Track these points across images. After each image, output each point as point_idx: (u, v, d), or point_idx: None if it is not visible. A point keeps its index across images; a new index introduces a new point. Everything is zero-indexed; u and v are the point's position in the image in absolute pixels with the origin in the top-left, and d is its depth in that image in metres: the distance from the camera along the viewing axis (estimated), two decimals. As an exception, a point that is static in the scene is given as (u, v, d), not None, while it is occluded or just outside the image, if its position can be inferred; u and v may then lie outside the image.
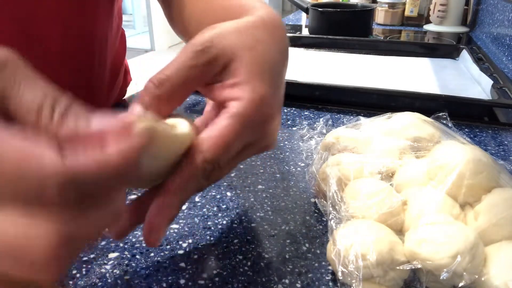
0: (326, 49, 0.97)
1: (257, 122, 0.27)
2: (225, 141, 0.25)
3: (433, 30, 1.29)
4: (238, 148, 0.27)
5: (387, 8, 1.37)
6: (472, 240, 0.28)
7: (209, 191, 0.42)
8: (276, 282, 0.31)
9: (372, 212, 0.32)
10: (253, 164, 0.47)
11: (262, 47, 0.28)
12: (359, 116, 0.46)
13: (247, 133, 0.27)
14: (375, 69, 0.80)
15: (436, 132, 0.40)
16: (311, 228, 0.37)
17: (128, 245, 0.34)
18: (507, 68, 0.86)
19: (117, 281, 0.31)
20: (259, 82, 0.27)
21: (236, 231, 0.36)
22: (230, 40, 0.27)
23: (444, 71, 0.78)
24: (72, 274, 0.31)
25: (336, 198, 0.34)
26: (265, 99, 0.27)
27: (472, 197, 0.32)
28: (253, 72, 0.27)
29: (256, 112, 0.26)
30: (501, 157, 0.49)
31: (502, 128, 0.57)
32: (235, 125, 0.25)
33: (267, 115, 0.27)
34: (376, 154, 0.38)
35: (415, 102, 0.62)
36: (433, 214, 0.30)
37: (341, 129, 0.42)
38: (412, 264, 0.28)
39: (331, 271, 0.32)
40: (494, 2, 1.08)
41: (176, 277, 0.31)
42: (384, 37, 1.22)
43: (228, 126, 0.25)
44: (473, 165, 0.32)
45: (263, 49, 0.28)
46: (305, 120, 0.60)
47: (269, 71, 0.28)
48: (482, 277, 0.27)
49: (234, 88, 0.27)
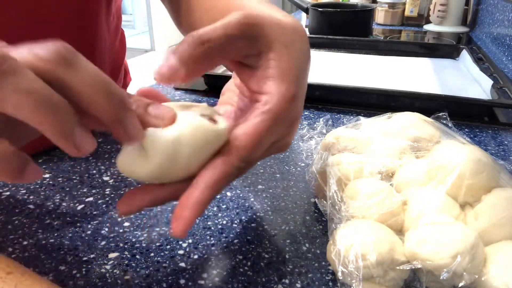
0: (326, 49, 0.97)
1: (287, 121, 0.27)
2: (259, 138, 0.25)
3: (433, 30, 1.29)
4: (268, 146, 0.27)
5: (387, 8, 1.37)
6: (472, 240, 0.28)
7: (209, 191, 0.42)
8: (276, 282, 0.31)
9: (372, 212, 0.32)
10: (253, 164, 0.47)
11: (297, 47, 0.28)
12: (359, 116, 0.46)
13: (277, 131, 0.27)
14: (375, 69, 0.80)
15: (436, 132, 0.40)
16: (311, 228, 0.37)
17: (128, 245, 0.34)
18: (507, 68, 0.86)
19: (117, 281, 0.31)
20: (292, 81, 0.27)
21: (236, 231, 0.36)
22: (273, 30, 0.27)
23: (444, 71, 0.78)
24: (72, 274, 0.31)
25: (336, 198, 0.34)
26: (296, 99, 0.27)
27: (472, 197, 0.32)
28: (288, 70, 0.27)
29: (288, 111, 0.27)
30: (501, 157, 0.49)
31: (502, 128, 0.57)
32: (268, 121, 0.26)
33: (296, 115, 0.28)
34: (376, 154, 0.38)
35: (415, 102, 0.62)
36: (433, 214, 0.30)
37: (341, 129, 0.42)
38: (412, 264, 0.28)
39: (331, 271, 0.32)
40: (494, 2, 1.08)
41: (176, 277, 0.31)
42: (384, 37, 1.22)
43: (262, 122, 0.26)
44: (473, 165, 0.32)
45: (297, 49, 0.28)
46: (305, 120, 0.60)
47: (299, 71, 0.28)
48: (482, 277, 0.27)
49: (268, 81, 0.27)
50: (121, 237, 0.35)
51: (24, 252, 0.33)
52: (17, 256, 0.33)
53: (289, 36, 0.28)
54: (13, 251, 0.34)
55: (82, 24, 0.53)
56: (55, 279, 0.31)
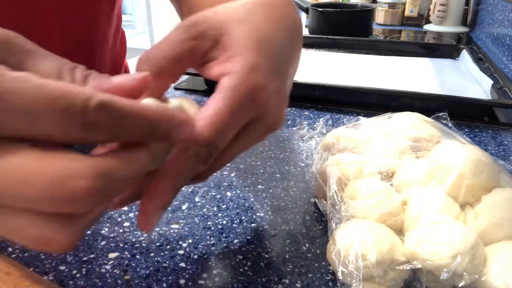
0: (326, 49, 0.97)
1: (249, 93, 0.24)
2: (219, 119, 0.23)
3: (433, 30, 1.29)
4: (237, 126, 0.25)
5: (387, 8, 1.37)
6: (472, 240, 0.28)
7: (209, 191, 0.42)
8: (276, 282, 0.31)
9: (372, 212, 0.32)
10: (253, 164, 0.47)
11: (255, 19, 0.26)
12: (359, 116, 0.46)
13: (244, 108, 0.25)
14: (375, 69, 0.80)
15: (436, 132, 0.40)
16: (311, 228, 0.37)
17: (128, 245, 0.34)
18: (507, 68, 0.86)
19: (117, 281, 0.31)
20: (250, 52, 0.25)
21: (236, 231, 0.36)
22: (222, 14, 0.26)
23: (444, 71, 0.78)
24: (72, 274, 0.31)
25: (336, 198, 0.34)
26: (255, 68, 0.25)
27: (472, 197, 0.32)
28: (245, 43, 0.25)
29: (247, 82, 0.24)
30: (501, 157, 0.49)
31: (502, 128, 0.57)
32: (227, 100, 0.24)
33: (258, 84, 0.25)
34: (376, 154, 0.38)
35: (415, 102, 0.62)
36: (433, 214, 0.30)
37: (341, 129, 0.42)
38: (412, 264, 0.28)
39: (331, 271, 0.32)
40: (494, 2, 1.08)
41: (176, 277, 0.31)
42: (384, 37, 1.22)
43: (220, 102, 0.23)
44: (473, 165, 0.32)
45: (256, 20, 0.26)
46: (305, 120, 0.60)
47: (263, 42, 0.26)
48: (482, 277, 0.27)
49: (226, 62, 0.25)
50: (121, 237, 0.35)
51: (24, 252, 0.33)
52: (17, 256, 0.33)
53: (244, 11, 0.26)
54: (13, 251, 0.34)
55: (83, 25, 0.53)
56: (55, 279, 0.31)
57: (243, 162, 0.47)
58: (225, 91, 0.24)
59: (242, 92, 0.24)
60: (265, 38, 0.26)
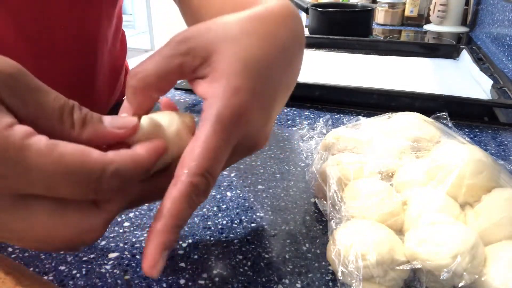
0: (326, 49, 0.97)
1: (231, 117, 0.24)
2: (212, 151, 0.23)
3: (433, 30, 1.29)
4: (227, 151, 0.25)
5: (387, 8, 1.37)
6: (472, 240, 0.28)
7: (209, 191, 0.42)
8: (276, 282, 0.31)
9: (372, 212, 0.32)
10: (253, 164, 0.47)
11: (247, 37, 0.26)
12: (359, 116, 0.46)
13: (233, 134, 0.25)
14: (375, 69, 0.80)
15: (436, 132, 0.40)
16: (311, 228, 0.37)
17: (128, 245, 0.34)
18: (507, 68, 0.86)
19: (117, 281, 0.31)
20: (235, 74, 0.25)
21: (236, 231, 0.36)
22: (214, 31, 0.26)
23: (444, 71, 0.78)
24: (72, 274, 0.31)
25: (336, 198, 0.34)
26: (238, 91, 0.24)
27: (472, 197, 0.32)
28: (232, 64, 0.25)
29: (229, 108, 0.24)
30: (501, 157, 0.49)
31: (502, 128, 0.57)
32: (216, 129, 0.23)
33: (240, 107, 0.24)
34: (376, 154, 0.38)
35: (415, 102, 0.62)
36: (433, 214, 0.30)
37: (341, 129, 0.42)
38: (412, 264, 0.28)
39: (331, 271, 0.32)
40: (494, 2, 1.08)
41: (176, 277, 0.31)
42: (384, 37, 1.22)
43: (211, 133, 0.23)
44: (473, 165, 0.32)
45: (249, 39, 0.26)
46: (305, 120, 0.60)
47: (252, 62, 0.25)
48: (482, 277, 0.27)
49: (212, 83, 0.25)
50: (121, 237, 0.35)
51: (24, 252, 0.33)
52: (17, 256, 0.33)
53: (239, 30, 0.26)
54: (13, 251, 0.34)
55: (84, 26, 0.53)
56: (55, 279, 0.31)
57: (243, 162, 0.47)
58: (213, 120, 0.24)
59: (225, 118, 0.24)
60: (254, 58, 0.26)
